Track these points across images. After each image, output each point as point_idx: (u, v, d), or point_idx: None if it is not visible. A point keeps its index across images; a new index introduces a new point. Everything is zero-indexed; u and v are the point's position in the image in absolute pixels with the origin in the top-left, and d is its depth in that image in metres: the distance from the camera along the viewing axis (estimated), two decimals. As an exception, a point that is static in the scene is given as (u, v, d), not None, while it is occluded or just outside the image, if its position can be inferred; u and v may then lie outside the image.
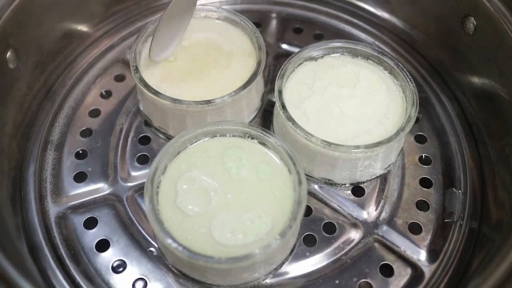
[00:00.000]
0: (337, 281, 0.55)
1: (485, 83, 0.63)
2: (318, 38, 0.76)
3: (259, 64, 0.61)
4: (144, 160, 0.63)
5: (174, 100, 0.57)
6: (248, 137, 0.56)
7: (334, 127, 0.58)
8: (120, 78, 0.71)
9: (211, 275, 0.52)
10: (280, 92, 0.58)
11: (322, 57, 0.64)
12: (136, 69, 0.60)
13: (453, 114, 0.68)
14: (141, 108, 0.66)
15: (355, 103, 0.60)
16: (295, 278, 0.55)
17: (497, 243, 0.53)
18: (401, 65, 0.61)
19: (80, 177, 0.62)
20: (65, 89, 0.69)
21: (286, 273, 0.55)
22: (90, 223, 0.58)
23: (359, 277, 0.55)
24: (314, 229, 0.58)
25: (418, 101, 0.58)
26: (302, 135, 0.55)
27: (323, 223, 0.59)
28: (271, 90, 0.68)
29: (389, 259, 0.57)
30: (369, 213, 0.60)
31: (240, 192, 0.52)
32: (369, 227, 0.58)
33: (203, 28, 0.66)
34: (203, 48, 0.64)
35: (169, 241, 0.48)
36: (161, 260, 0.56)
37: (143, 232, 0.58)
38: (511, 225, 0.53)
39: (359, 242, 0.58)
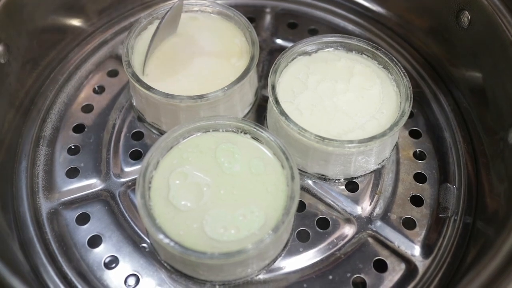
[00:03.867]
0: (330, 277, 0.55)
1: (480, 77, 0.63)
2: (313, 33, 0.75)
3: (252, 59, 0.60)
4: (137, 156, 0.63)
5: (167, 95, 0.57)
6: (241, 132, 0.56)
7: (327, 122, 0.57)
8: (113, 74, 0.70)
9: (203, 270, 0.51)
10: (273, 87, 0.58)
11: (315, 51, 0.63)
12: (129, 64, 0.59)
13: (447, 109, 0.67)
14: (134, 104, 0.65)
15: (349, 97, 0.59)
16: (288, 273, 0.55)
17: (491, 237, 0.53)
18: (395, 60, 0.60)
19: (73, 173, 0.61)
20: (57, 85, 0.69)
21: (279, 268, 0.55)
22: (83, 219, 0.58)
23: (353, 272, 0.55)
24: (308, 225, 0.58)
25: (412, 96, 0.58)
26: (296, 130, 0.55)
27: (317, 218, 0.58)
28: (265, 85, 0.68)
29: (383, 254, 0.56)
30: (363, 208, 0.59)
31: (232, 187, 0.52)
32: (363, 223, 0.58)
33: (197, 22, 0.66)
34: (196, 43, 0.64)
35: (161, 236, 0.48)
36: (153, 256, 0.55)
37: (136, 228, 0.57)
38: (505, 219, 0.52)
39: (353, 237, 0.57)
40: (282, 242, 0.55)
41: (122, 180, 0.61)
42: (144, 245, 0.56)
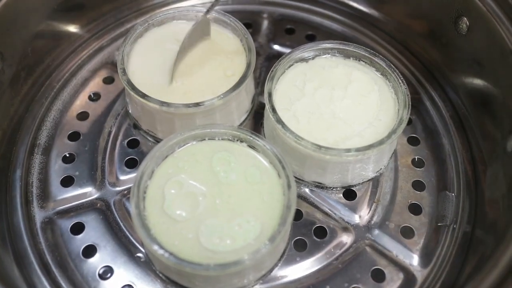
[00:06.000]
0: (328, 287, 0.54)
1: (479, 83, 0.62)
2: (310, 38, 0.75)
3: (249, 66, 0.60)
4: (132, 164, 0.62)
5: (162, 103, 0.56)
6: (237, 140, 0.55)
7: (325, 130, 0.57)
8: (109, 80, 0.70)
9: (199, 281, 0.51)
10: (270, 95, 0.57)
11: (313, 58, 0.63)
12: (124, 71, 0.59)
13: (446, 116, 0.67)
14: (130, 111, 0.65)
15: (346, 104, 0.59)
16: (285, 283, 0.54)
17: (490, 247, 0.52)
18: (393, 66, 0.60)
19: (67, 181, 0.61)
20: (52, 92, 0.68)
21: (276, 278, 0.54)
22: (77, 229, 0.57)
23: (351, 282, 0.54)
24: (305, 234, 0.57)
25: (410, 103, 0.57)
26: (292, 138, 0.54)
27: (314, 227, 0.58)
28: (262, 92, 0.67)
29: (381, 263, 0.56)
30: (361, 216, 0.59)
31: (228, 197, 0.51)
32: (361, 231, 0.58)
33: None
34: (192, 50, 0.63)
35: (156, 247, 0.47)
36: (149, 266, 0.55)
37: (131, 238, 0.57)
38: (505, 228, 0.52)
39: (350, 246, 0.57)
40: (278, 252, 0.54)
41: (117, 188, 0.60)
42: (140, 255, 0.56)
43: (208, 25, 0.64)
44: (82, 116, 0.66)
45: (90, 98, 0.68)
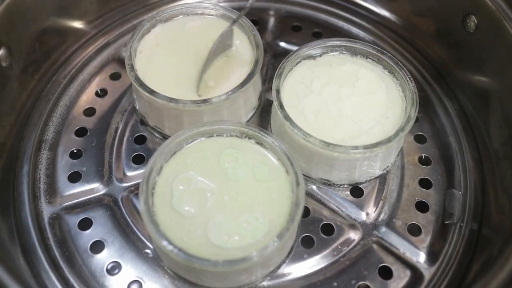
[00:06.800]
0: (335, 283, 0.54)
1: (486, 82, 0.62)
2: (317, 36, 0.75)
3: (256, 62, 0.60)
4: (139, 160, 0.62)
5: (170, 99, 0.56)
6: (245, 137, 0.55)
7: (332, 127, 0.57)
8: (115, 76, 0.70)
9: (207, 277, 0.51)
10: (277, 91, 0.57)
11: (320, 55, 0.63)
12: (132, 68, 0.59)
13: (453, 114, 0.67)
14: (137, 107, 0.65)
15: (354, 102, 0.59)
16: (292, 280, 0.54)
17: (498, 245, 0.52)
18: (400, 64, 0.60)
19: (75, 177, 0.61)
20: (59, 88, 0.68)
21: (283, 275, 0.55)
22: (85, 224, 0.58)
23: (358, 279, 0.54)
24: (312, 231, 0.57)
25: (418, 101, 0.57)
26: (300, 135, 0.54)
27: (321, 224, 0.58)
28: (269, 89, 0.67)
29: (388, 261, 0.56)
30: (368, 214, 0.59)
31: (236, 193, 0.51)
32: (368, 229, 0.58)
33: (200, 25, 0.65)
34: (200, 46, 0.63)
35: (164, 243, 0.47)
36: (156, 262, 0.55)
37: (139, 234, 0.57)
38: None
39: (357, 243, 0.57)
40: (286, 249, 0.54)
41: (125, 184, 0.60)
42: (147, 251, 0.56)
43: (231, 36, 0.63)
44: (89, 112, 0.66)
45: (97, 94, 0.68)
